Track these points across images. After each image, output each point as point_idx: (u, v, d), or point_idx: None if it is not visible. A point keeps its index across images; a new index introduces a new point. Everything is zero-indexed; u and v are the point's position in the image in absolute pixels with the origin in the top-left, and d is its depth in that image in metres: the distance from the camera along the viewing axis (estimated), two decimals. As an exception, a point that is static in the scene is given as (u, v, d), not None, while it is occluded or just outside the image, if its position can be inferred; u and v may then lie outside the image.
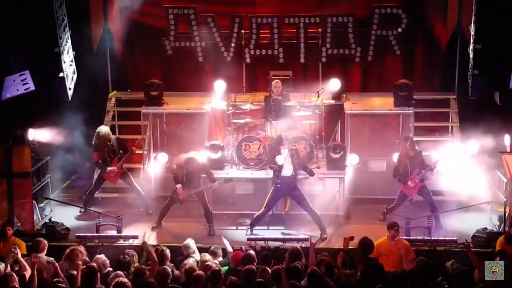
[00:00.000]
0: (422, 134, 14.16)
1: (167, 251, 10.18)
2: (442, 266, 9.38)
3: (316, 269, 8.85)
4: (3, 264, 9.60)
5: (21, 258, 9.79)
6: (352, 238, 10.02)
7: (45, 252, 10.24)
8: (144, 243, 10.02)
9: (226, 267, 9.89)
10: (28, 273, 9.30)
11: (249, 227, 12.34)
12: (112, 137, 13.38)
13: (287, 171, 12.13)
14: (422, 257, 9.71)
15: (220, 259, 10.37)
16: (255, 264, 9.50)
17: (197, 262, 9.95)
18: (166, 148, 14.22)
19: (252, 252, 10.01)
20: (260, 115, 14.00)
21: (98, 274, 8.99)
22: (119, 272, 9.10)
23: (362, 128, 14.01)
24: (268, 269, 9.16)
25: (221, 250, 10.60)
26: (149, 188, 13.86)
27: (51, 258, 9.99)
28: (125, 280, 8.55)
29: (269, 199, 12.32)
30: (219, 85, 14.25)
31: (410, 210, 13.04)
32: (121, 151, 13.28)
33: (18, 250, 9.97)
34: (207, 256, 9.99)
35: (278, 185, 12.19)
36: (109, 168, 13.16)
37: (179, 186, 12.48)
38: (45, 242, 10.43)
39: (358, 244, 9.95)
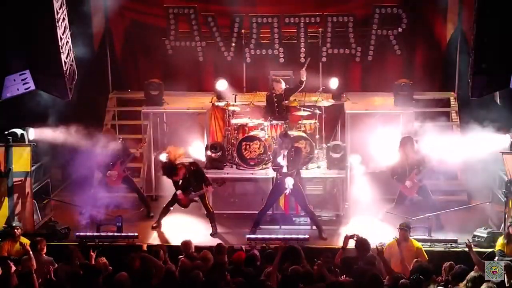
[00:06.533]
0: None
1: (161, 252, 10.09)
2: (439, 269, 9.36)
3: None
4: None
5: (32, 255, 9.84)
6: (352, 237, 10.01)
7: (44, 251, 10.23)
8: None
9: None
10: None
11: (253, 226, 12.36)
12: (118, 139, 13.37)
13: (286, 168, 12.15)
14: (418, 259, 9.72)
15: None
16: (259, 263, 9.52)
17: None
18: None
19: (256, 252, 10.00)
20: (261, 114, 14.01)
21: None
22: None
23: (362, 127, 14.01)
24: None
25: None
26: (150, 188, 13.87)
27: (50, 258, 10.01)
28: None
29: (269, 195, 12.37)
30: (221, 84, 14.25)
31: (410, 210, 13.04)
32: (125, 155, 13.26)
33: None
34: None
35: (278, 181, 12.23)
36: (109, 172, 13.15)
37: (179, 192, 12.49)
38: (44, 241, 10.42)
39: (355, 244, 9.94)
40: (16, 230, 11.12)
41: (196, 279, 8.72)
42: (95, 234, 12.05)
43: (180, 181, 12.51)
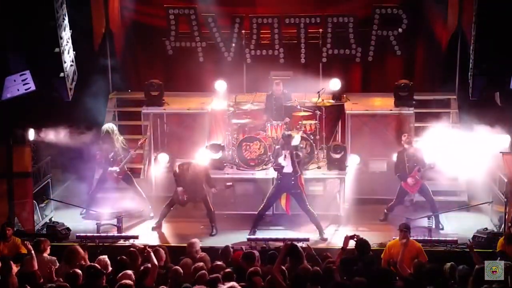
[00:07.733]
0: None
1: (162, 252, 10.06)
2: (440, 269, 9.32)
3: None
4: None
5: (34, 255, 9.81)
6: (353, 237, 9.99)
7: (47, 252, 10.21)
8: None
9: None
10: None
11: (253, 226, 12.35)
12: (119, 137, 13.36)
13: (287, 168, 12.15)
14: (419, 260, 9.71)
15: None
16: (258, 264, 9.49)
17: None
18: (167, 148, 14.26)
19: (255, 252, 9.97)
20: (261, 115, 14.01)
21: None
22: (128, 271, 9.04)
23: (363, 128, 14.02)
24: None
25: None
26: (150, 188, 13.87)
27: (53, 258, 9.99)
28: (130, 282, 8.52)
29: (269, 194, 12.38)
30: (220, 85, 14.27)
31: (410, 210, 13.05)
32: (124, 153, 13.26)
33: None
34: None
35: (279, 181, 12.24)
36: (110, 169, 13.15)
37: (180, 189, 12.51)
38: (48, 242, 10.40)
39: (355, 244, 9.93)
40: (7, 230, 11.08)
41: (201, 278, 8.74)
42: (95, 234, 12.05)
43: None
